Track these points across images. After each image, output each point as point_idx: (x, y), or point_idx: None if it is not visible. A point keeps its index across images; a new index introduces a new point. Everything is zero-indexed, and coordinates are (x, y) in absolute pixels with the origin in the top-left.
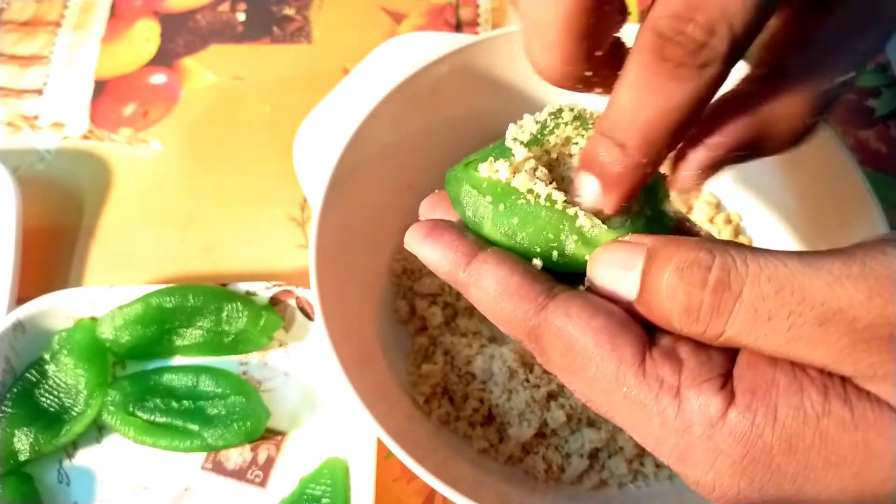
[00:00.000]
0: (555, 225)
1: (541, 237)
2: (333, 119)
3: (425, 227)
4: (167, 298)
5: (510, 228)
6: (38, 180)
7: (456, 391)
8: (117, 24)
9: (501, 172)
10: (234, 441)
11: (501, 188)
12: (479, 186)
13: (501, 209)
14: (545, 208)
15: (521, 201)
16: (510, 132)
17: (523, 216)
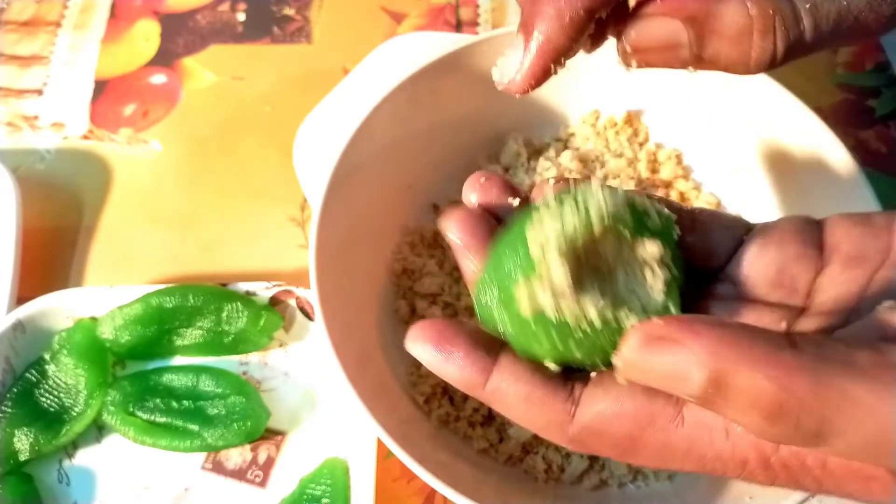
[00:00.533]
0: (609, 340)
1: (592, 352)
2: (333, 119)
3: (432, 335)
4: (167, 298)
5: (558, 348)
6: (39, 180)
7: (456, 391)
8: (117, 25)
9: (546, 303)
10: (234, 441)
11: (545, 318)
12: (517, 317)
13: (552, 336)
14: (598, 332)
15: (576, 333)
16: (533, 239)
17: (577, 342)
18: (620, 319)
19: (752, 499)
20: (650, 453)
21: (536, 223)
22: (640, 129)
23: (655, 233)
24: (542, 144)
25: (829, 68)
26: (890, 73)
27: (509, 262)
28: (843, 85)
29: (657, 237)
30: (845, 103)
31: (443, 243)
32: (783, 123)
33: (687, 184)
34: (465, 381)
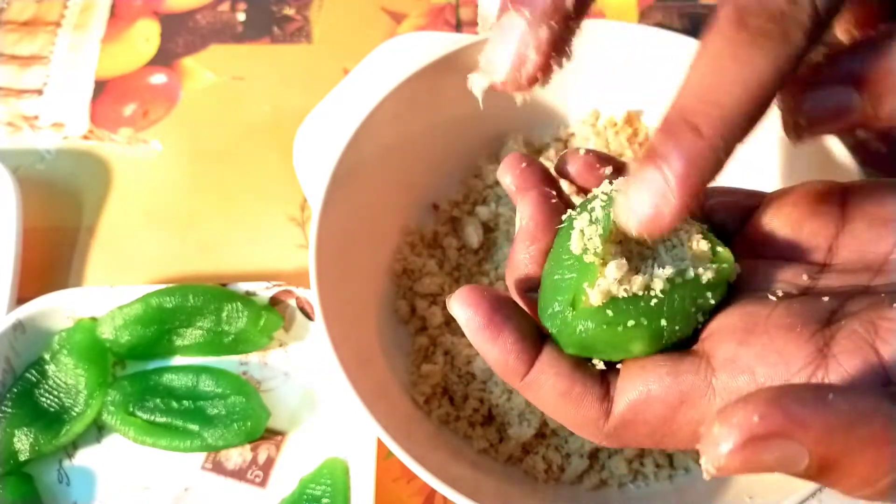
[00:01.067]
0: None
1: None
2: (333, 119)
3: (485, 311)
4: (167, 298)
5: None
6: (39, 180)
7: (456, 391)
8: (117, 24)
9: (615, 290)
10: (234, 441)
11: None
12: (588, 316)
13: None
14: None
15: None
16: (575, 245)
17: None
18: (678, 279)
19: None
20: (686, 434)
21: (573, 236)
22: (640, 129)
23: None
24: (542, 144)
25: None
26: None
27: (559, 270)
28: None
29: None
30: None
31: (443, 243)
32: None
33: None
34: (504, 367)
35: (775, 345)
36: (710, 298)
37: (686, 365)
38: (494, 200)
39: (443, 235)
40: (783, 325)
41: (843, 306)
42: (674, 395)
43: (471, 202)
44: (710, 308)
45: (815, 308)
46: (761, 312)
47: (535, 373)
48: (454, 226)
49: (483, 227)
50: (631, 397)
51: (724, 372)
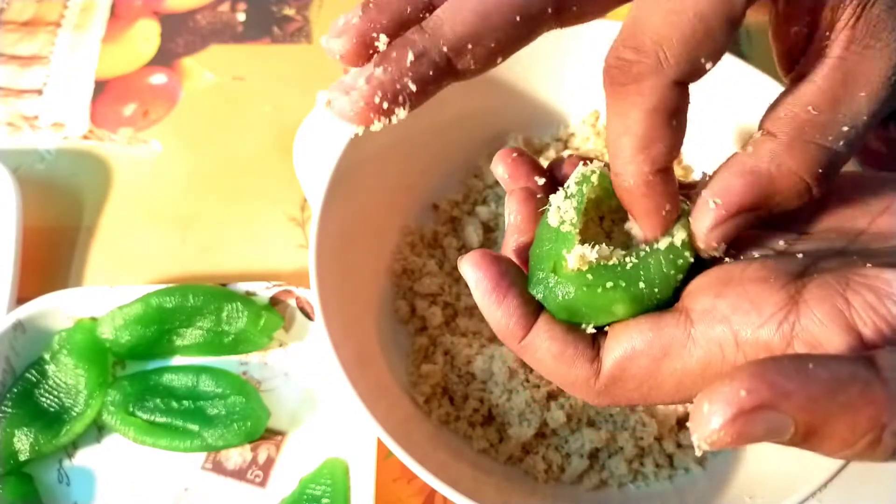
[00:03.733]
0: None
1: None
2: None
3: (493, 275)
4: (167, 298)
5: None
6: (39, 180)
7: (456, 391)
8: (117, 25)
9: (590, 255)
10: (234, 441)
11: (592, 272)
12: (570, 279)
13: (607, 287)
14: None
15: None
16: (553, 218)
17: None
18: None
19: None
20: (671, 386)
21: (551, 211)
22: None
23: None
24: (541, 144)
25: None
26: None
27: (542, 244)
28: None
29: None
30: None
31: (443, 243)
32: None
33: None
34: (506, 329)
35: (749, 294)
36: (688, 257)
37: (667, 320)
38: (494, 200)
39: (443, 235)
40: (757, 278)
41: (817, 263)
42: (656, 348)
43: (471, 202)
44: (688, 265)
45: (789, 263)
46: (736, 268)
47: (532, 336)
48: (454, 226)
49: (483, 226)
50: (617, 355)
51: (702, 322)
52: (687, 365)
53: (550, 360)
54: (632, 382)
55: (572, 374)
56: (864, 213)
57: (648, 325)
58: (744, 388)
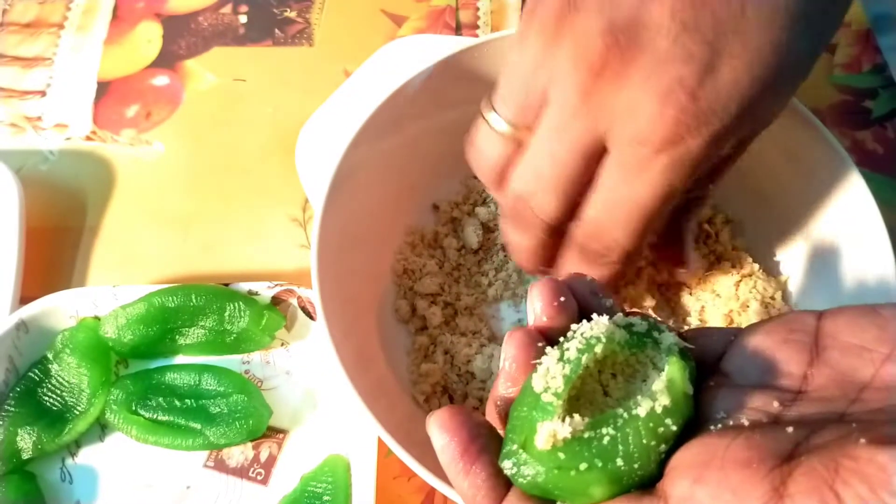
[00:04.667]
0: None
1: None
2: (335, 121)
3: (461, 441)
4: (170, 298)
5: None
6: (42, 181)
7: (456, 390)
8: (120, 26)
9: (562, 432)
10: (236, 439)
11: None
12: (541, 456)
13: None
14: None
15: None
16: (537, 382)
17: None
18: (626, 420)
19: None
20: None
21: (539, 372)
22: None
23: (652, 333)
24: None
25: (827, 69)
26: (887, 74)
27: (521, 407)
28: (840, 86)
29: (656, 337)
30: (842, 104)
31: (443, 243)
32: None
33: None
34: (472, 502)
35: (730, 482)
36: (670, 425)
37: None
38: (494, 201)
39: (443, 236)
40: (740, 461)
41: (809, 438)
42: None
43: (471, 203)
44: (672, 435)
45: (776, 440)
46: (720, 444)
47: None
48: (454, 226)
49: (483, 227)
50: None
51: None
52: None
53: None
54: None
55: None
56: (867, 363)
57: None
58: None
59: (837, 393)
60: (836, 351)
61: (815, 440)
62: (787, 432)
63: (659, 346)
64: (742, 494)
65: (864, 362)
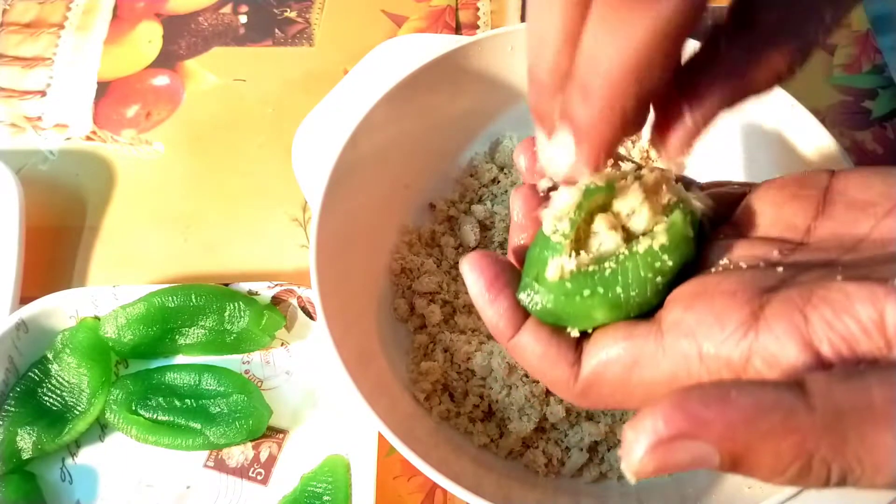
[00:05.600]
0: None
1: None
2: (331, 120)
3: (489, 276)
4: (170, 298)
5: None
6: (42, 181)
7: (456, 387)
8: (120, 26)
9: (568, 265)
10: (237, 439)
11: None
12: (552, 286)
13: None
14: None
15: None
16: (547, 226)
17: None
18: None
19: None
20: (641, 394)
21: (547, 216)
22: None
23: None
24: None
25: (826, 70)
26: (886, 74)
27: (535, 248)
28: (840, 86)
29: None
30: (842, 105)
31: (440, 242)
32: (780, 124)
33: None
34: (496, 328)
35: (714, 308)
36: (667, 261)
37: (640, 329)
38: (490, 199)
39: (440, 234)
40: (726, 291)
41: (795, 276)
42: (628, 357)
43: (467, 201)
44: (668, 270)
45: (764, 277)
46: (714, 281)
47: (520, 336)
48: (451, 225)
49: (480, 225)
50: (593, 361)
51: (671, 335)
52: (656, 376)
53: (535, 360)
54: (606, 388)
55: (554, 375)
56: (868, 216)
57: (623, 333)
58: (662, 417)
59: (835, 244)
60: (842, 205)
61: (801, 278)
62: (776, 272)
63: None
64: (724, 317)
65: (865, 216)
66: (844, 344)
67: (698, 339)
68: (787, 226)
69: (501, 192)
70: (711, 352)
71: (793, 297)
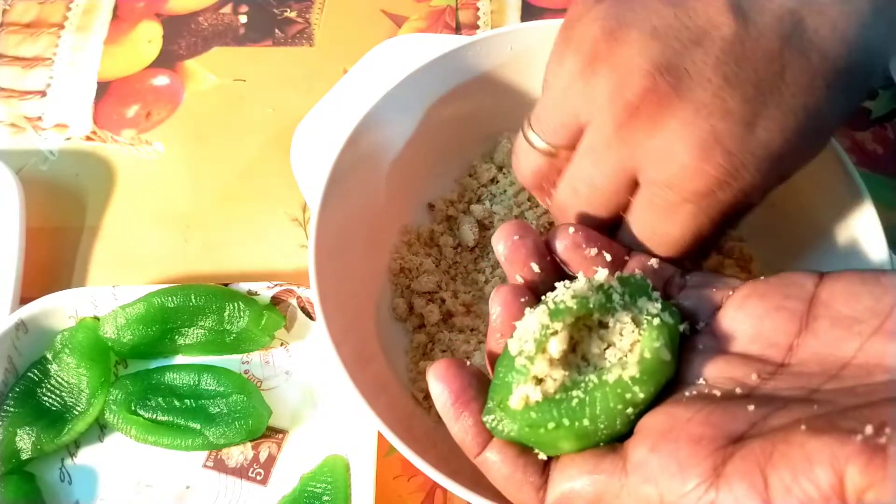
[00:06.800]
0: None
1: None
2: (330, 120)
3: (455, 389)
4: (169, 298)
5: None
6: (42, 181)
7: None
8: (120, 26)
9: (533, 395)
10: (236, 439)
11: (536, 407)
12: (515, 414)
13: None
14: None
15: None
16: (512, 346)
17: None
18: (595, 382)
19: None
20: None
21: (514, 336)
22: None
23: (634, 297)
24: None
25: None
26: (886, 74)
27: (500, 368)
28: None
29: (637, 300)
30: None
31: (439, 241)
32: None
33: None
34: (462, 443)
35: (679, 456)
36: (637, 393)
37: (605, 464)
38: (489, 199)
39: (439, 234)
40: (693, 436)
41: (767, 419)
42: (592, 491)
43: (466, 201)
44: (640, 401)
45: (734, 419)
46: (683, 416)
47: (486, 454)
48: (450, 224)
49: (478, 225)
50: (558, 490)
51: (634, 476)
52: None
53: (501, 480)
54: None
55: (519, 498)
56: (854, 336)
57: (589, 466)
58: None
59: (817, 369)
60: (827, 321)
61: (771, 421)
62: (747, 411)
63: (640, 308)
64: (686, 468)
65: (851, 335)
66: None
67: (660, 488)
68: (769, 343)
69: (500, 191)
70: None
71: (755, 453)
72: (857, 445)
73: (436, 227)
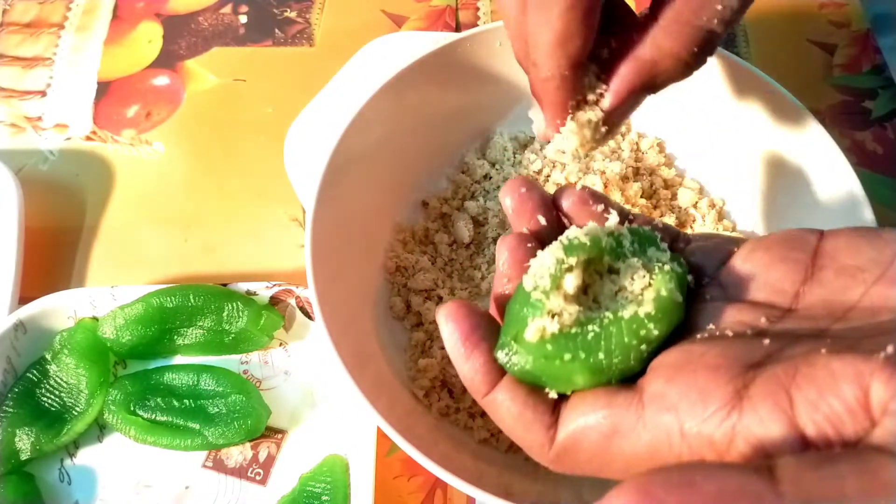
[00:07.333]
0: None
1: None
2: (322, 119)
3: (465, 329)
4: (168, 298)
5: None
6: (41, 181)
7: (455, 383)
8: (120, 26)
9: (549, 327)
10: (235, 439)
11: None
12: (533, 351)
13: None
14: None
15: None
16: (527, 282)
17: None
18: (610, 318)
19: None
20: (620, 465)
21: (529, 272)
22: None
23: (643, 246)
24: (527, 139)
25: (826, 70)
26: (886, 74)
27: (515, 304)
28: (840, 86)
29: (647, 250)
30: (842, 105)
31: (434, 239)
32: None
33: (670, 171)
34: (471, 383)
35: (698, 384)
36: (652, 329)
37: (620, 399)
38: (483, 195)
39: (434, 232)
40: (710, 365)
41: (783, 350)
42: (607, 427)
43: (459, 198)
44: (654, 338)
45: (750, 349)
46: (698, 351)
47: (495, 393)
48: (444, 222)
49: (473, 221)
50: (570, 428)
51: (652, 407)
52: (636, 448)
53: (510, 420)
54: (583, 455)
55: (528, 438)
56: (858, 283)
57: (603, 401)
58: (627, 500)
59: (824, 312)
60: (831, 271)
61: (787, 351)
62: (762, 344)
63: (650, 257)
64: (707, 394)
65: (855, 282)
66: (829, 425)
67: (680, 416)
68: (775, 290)
69: (493, 187)
70: (693, 430)
71: (778, 375)
72: (880, 362)
73: (430, 224)
